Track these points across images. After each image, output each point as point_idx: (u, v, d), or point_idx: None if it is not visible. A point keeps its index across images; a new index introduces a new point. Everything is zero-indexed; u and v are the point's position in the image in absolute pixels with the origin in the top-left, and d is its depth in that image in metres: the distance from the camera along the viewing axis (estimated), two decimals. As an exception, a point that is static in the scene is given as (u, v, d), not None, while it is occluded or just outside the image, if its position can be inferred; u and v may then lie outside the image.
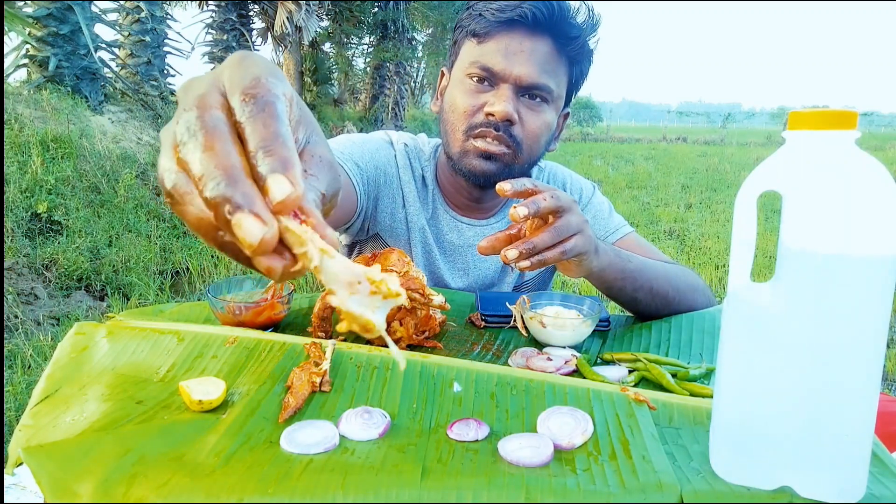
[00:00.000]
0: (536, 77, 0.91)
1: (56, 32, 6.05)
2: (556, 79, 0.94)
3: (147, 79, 7.94)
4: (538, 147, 0.97)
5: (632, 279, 0.84)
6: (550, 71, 0.92)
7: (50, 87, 5.94)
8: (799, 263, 0.44)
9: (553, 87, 0.93)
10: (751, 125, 39.30)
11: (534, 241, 0.68)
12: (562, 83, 0.96)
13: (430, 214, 1.08)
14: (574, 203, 0.72)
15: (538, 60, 0.91)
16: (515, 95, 0.92)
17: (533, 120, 0.94)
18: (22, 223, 4.04)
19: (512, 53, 0.91)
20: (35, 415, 0.59)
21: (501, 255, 0.68)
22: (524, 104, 0.93)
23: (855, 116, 0.43)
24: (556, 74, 0.93)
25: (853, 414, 0.45)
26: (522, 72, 0.91)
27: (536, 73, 0.91)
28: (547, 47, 0.91)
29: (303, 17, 10.78)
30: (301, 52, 12.44)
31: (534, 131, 0.94)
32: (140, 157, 5.95)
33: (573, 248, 0.71)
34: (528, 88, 0.92)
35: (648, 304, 0.88)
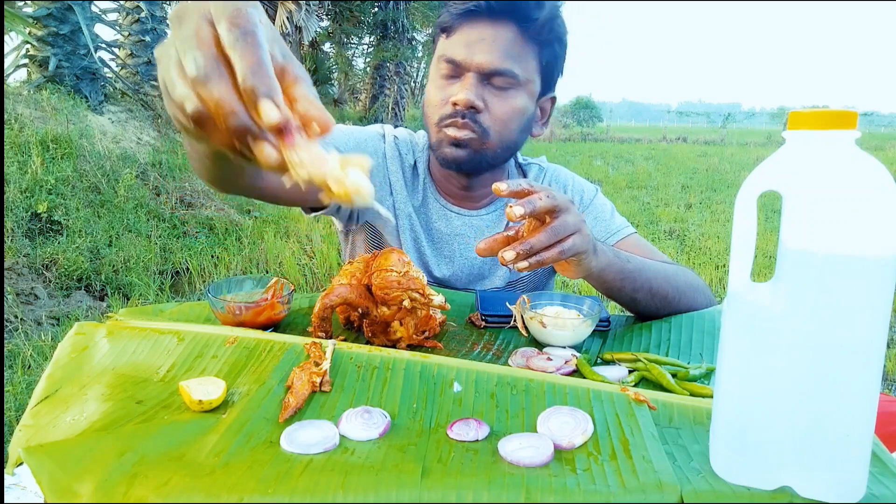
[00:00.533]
0: (498, 63, 0.93)
1: (56, 32, 6.05)
2: (522, 63, 0.95)
3: (147, 79, 7.94)
4: (509, 132, 0.98)
5: (631, 279, 0.84)
6: (514, 56, 0.94)
7: (50, 87, 5.94)
8: (799, 263, 0.44)
9: (518, 72, 0.95)
10: (751, 125, 39.31)
11: (531, 242, 0.68)
12: (529, 67, 0.96)
13: (419, 202, 1.11)
14: (571, 203, 0.72)
15: (500, 47, 0.93)
16: (480, 83, 0.95)
17: (499, 105, 0.96)
18: (22, 223, 4.04)
19: (473, 42, 0.94)
20: (35, 415, 0.59)
21: (499, 257, 0.68)
22: (490, 91, 0.95)
23: (855, 116, 0.43)
24: (522, 59, 0.95)
25: (853, 414, 0.45)
26: (483, 59, 0.93)
27: (498, 59, 0.93)
28: (510, 33, 0.93)
29: (303, 17, 10.78)
30: (301, 52, 12.43)
31: (500, 117, 0.96)
32: (140, 157, 5.95)
33: (571, 248, 0.71)
34: (490, 75, 0.94)
35: (648, 304, 0.88)
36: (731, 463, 0.48)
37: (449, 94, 0.96)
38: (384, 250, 0.79)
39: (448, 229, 1.11)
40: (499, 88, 0.95)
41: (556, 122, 29.15)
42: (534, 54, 0.96)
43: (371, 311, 0.75)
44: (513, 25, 0.93)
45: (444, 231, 1.11)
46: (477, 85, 0.94)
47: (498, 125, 0.97)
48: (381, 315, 0.75)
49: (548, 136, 24.55)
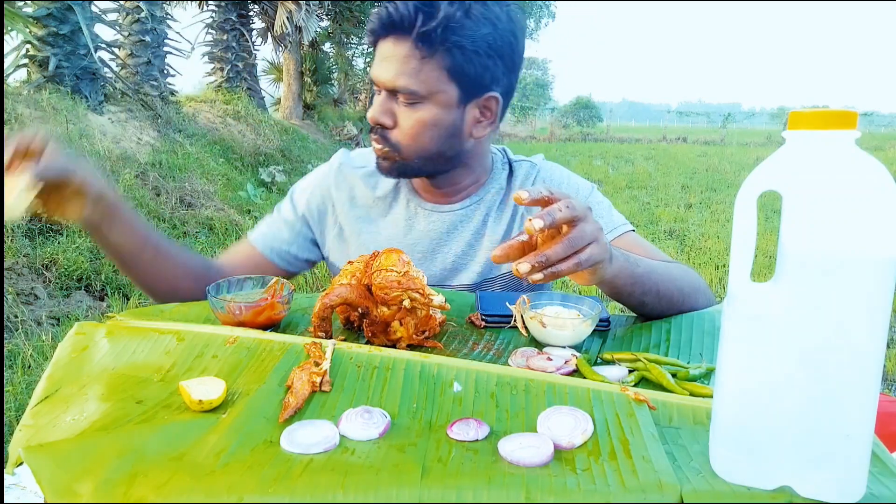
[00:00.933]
0: (395, 80, 0.95)
1: (56, 32, 6.05)
2: (422, 76, 0.95)
3: (147, 79, 7.94)
4: (422, 143, 1.00)
5: (641, 283, 0.84)
6: (409, 71, 0.95)
7: (50, 87, 5.94)
8: (799, 263, 0.44)
9: (415, 88, 0.95)
10: (751, 125, 39.30)
11: (547, 254, 0.67)
12: (433, 79, 0.95)
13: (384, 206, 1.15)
14: (588, 211, 0.71)
15: (396, 64, 0.95)
16: (391, 99, 0.98)
17: (405, 120, 0.98)
18: (22, 223, 4.03)
19: (380, 61, 0.97)
20: (35, 415, 0.59)
21: (513, 269, 0.67)
22: (400, 106, 0.98)
23: (855, 116, 0.43)
24: (421, 72, 0.95)
25: (853, 414, 0.45)
26: (382, 77, 0.97)
27: (395, 77, 0.95)
28: (405, 49, 0.94)
29: (303, 17, 10.78)
30: (301, 52, 12.43)
31: (408, 131, 0.99)
32: (140, 157, 5.95)
33: (588, 259, 0.69)
34: (395, 91, 0.97)
35: (655, 306, 0.88)
36: (731, 463, 0.48)
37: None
38: (384, 250, 0.79)
39: (422, 226, 1.12)
40: (406, 104, 0.98)
41: (556, 122, 29.16)
42: (437, 65, 0.95)
43: (371, 310, 0.75)
44: (409, 41, 0.93)
45: (419, 228, 1.12)
46: (386, 102, 0.98)
47: (408, 139, 0.99)
48: (381, 315, 0.75)
49: (548, 136, 24.56)
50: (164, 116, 7.19)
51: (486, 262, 1.12)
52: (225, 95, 9.88)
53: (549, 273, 0.67)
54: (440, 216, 1.12)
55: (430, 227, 1.12)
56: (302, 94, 12.64)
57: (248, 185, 6.99)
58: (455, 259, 1.12)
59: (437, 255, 1.12)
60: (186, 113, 8.10)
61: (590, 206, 0.85)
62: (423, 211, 1.12)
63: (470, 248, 1.12)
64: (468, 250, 1.12)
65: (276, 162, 8.49)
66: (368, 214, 1.14)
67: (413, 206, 1.13)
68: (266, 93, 12.58)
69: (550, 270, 0.67)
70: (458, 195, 1.13)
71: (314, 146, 10.58)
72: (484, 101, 1.02)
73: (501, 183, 1.14)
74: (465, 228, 1.12)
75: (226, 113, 9.07)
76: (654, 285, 0.86)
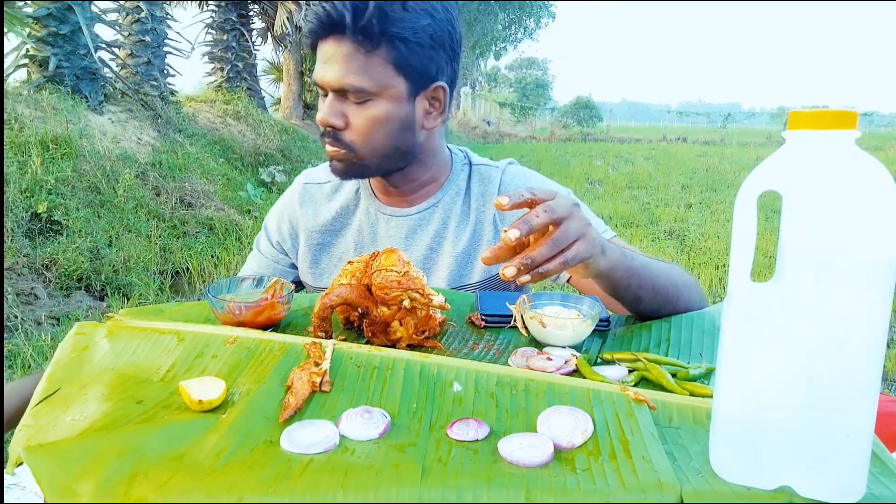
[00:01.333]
0: (343, 80, 0.94)
1: (56, 32, 6.05)
2: (368, 73, 0.95)
3: (147, 79, 7.94)
4: (376, 140, 1.00)
5: (637, 276, 0.84)
6: (355, 69, 0.94)
7: (50, 87, 5.94)
8: (799, 263, 0.44)
9: (363, 85, 0.95)
10: (751, 125, 39.28)
11: (532, 256, 0.67)
12: (380, 75, 0.95)
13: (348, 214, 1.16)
14: (574, 206, 0.71)
15: (341, 63, 0.94)
16: (339, 100, 0.98)
17: (358, 120, 0.98)
18: (22, 223, 4.04)
19: (323, 62, 0.96)
20: (35, 415, 0.59)
21: (500, 273, 0.67)
22: (349, 106, 0.98)
23: (855, 116, 0.43)
24: (367, 69, 0.95)
25: (853, 414, 0.45)
26: (328, 78, 0.96)
27: (340, 76, 0.94)
28: (347, 47, 0.94)
29: (303, 17, 10.77)
30: (301, 52, 12.42)
31: (361, 130, 0.98)
32: (140, 157, 5.95)
33: (575, 257, 0.69)
34: (342, 91, 0.96)
35: (650, 301, 0.88)
36: (731, 463, 0.48)
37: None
38: (384, 250, 0.79)
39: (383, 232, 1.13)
40: (356, 103, 0.97)
41: (556, 122, 29.17)
42: (382, 59, 0.95)
43: (371, 310, 0.75)
44: (348, 40, 0.93)
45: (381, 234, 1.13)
46: (335, 103, 0.97)
47: (361, 138, 0.99)
48: (380, 315, 0.75)
49: (548, 136, 24.55)
50: (164, 116, 7.20)
51: (454, 268, 1.11)
52: (225, 95, 9.89)
53: (535, 274, 0.68)
54: (399, 221, 1.12)
55: (391, 232, 1.12)
56: (302, 94, 12.64)
57: (248, 185, 7.00)
58: (417, 264, 1.12)
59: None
60: (186, 113, 8.10)
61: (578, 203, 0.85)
62: (383, 216, 1.13)
63: (431, 253, 1.12)
64: (430, 255, 1.12)
65: (276, 162, 8.49)
66: (334, 226, 1.16)
67: (373, 211, 1.14)
68: (266, 93, 12.59)
69: (537, 271, 0.68)
70: (416, 195, 1.12)
71: (314, 146, 10.58)
72: (432, 91, 1.03)
73: (460, 185, 1.13)
74: (423, 233, 1.12)
75: (226, 113, 9.07)
76: (649, 279, 0.86)
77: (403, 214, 1.12)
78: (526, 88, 51.42)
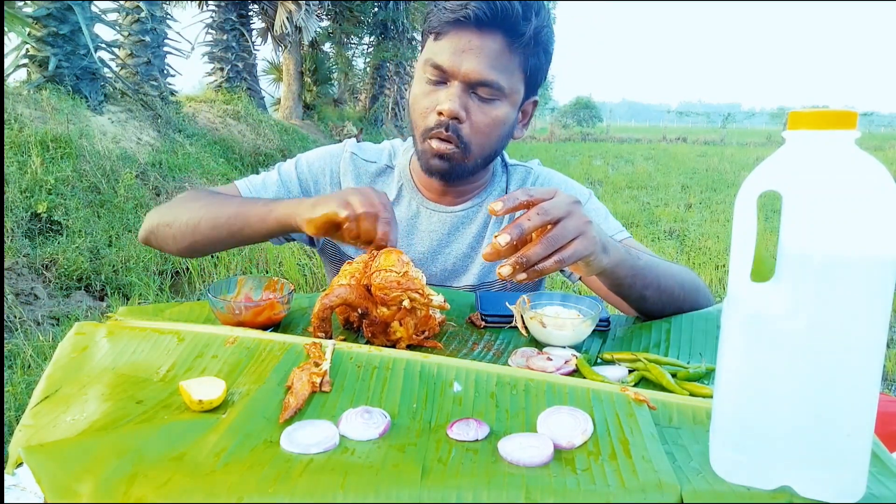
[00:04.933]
0: (485, 74, 0.93)
1: (56, 32, 6.05)
2: (508, 74, 0.95)
3: (147, 79, 7.93)
4: (489, 143, 0.99)
5: (641, 276, 0.84)
6: (500, 67, 0.94)
7: (50, 87, 5.94)
8: (799, 264, 0.44)
9: (503, 84, 0.95)
10: (751, 125, 39.28)
11: (527, 255, 0.67)
12: (515, 77, 0.97)
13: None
14: (572, 204, 0.71)
15: (486, 57, 0.93)
16: (465, 93, 0.95)
17: (481, 118, 0.96)
18: (22, 223, 4.04)
19: (461, 51, 0.93)
20: (35, 415, 0.59)
21: (497, 271, 0.68)
22: (474, 101, 0.96)
23: (855, 116, 0.43)
24: (508, 70, 0.95)
25: (853, 414, 0.45)
26: (470, 68, 0.93)
27: (485, 70, 0.93)
28: (496, 44, 0.93)
29: (303, 17, 10.78)
30: (301, 52, 12.43)
31: (482, 129, 0.97)
32: (140, 157, 5.95)
33: (572, 255, 0.69)
34: (476, 85, 0.94)
35: (656, 301, 0.88)
36: (731, 463, 0.48)
37: (434, 102, 0.96)
38: (384, 250, 0.79)
39: (424, 226, 1.12)
40: (482, 99, 0.96)
41: (556, 122, 29.15)
42: (519, 64, 0.96)
43: (371, 311, 0.75)
44: (500, 36, 0.93)
45: (421, 229, 1.12)
46: (462, 94, 0.95)
47: (479, 137, 0.97)
48: (380, 315, 0.75)
49: (548, 136, 24.55)
50: (164, 116, 7.19)
51: (485, 266, 1.11)
52: (225, 95, 9.89)
53: (531, 272, 0.68)
54: (442, 216, 1.12)
55: (433, 227, 1.12)
56: (302, 94, 12.64)
57: (248, 185, 6.98)
58: (456, 261, 1.12)
59: (438, 256, 1.12)
60: (186, 113, 8.10)
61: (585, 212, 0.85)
62: (427, 210, 1.12)
63: (471, 251, 1.12)
64: (469, 252, 1.12)
65: (275, 162, 8.46)
66: None
67: (416, 205, 1.12)
68: (266, 93, 12.59)
69: (533, 269, 0.68)
70: (461, 195, 1.12)
71: (314, 146, 10.56)
72: (529, 103, 1.05)
73: (502, 186, 1.15)
74: (466, 230, 1.12)
75: (226, 113, 9.07)
76: (655, 279, 0.86)
77: (447, 210, 1.11)
78: (526, 88, 51.36)
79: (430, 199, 1.13)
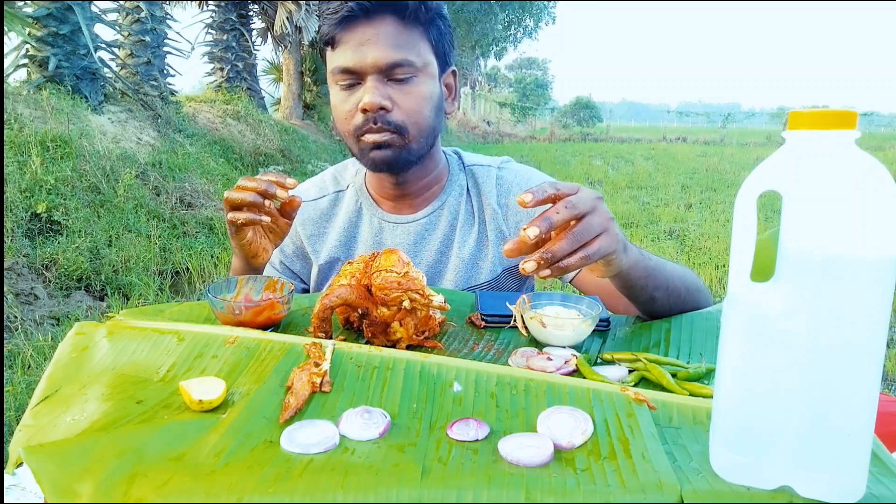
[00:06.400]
0: (392, 55, 0.94)
1: (56, 32, 6.05)
2: (413, 49, 0.96)
3: (147, 79, 7.94)
4: (424, 120, 0.99)
5: (653, 277, 0.83)
6: (403, 44, 0.95)
7: (50, 87, 5.94)
8: (799, 263, 0.44)
9: (413, 59, 0.96)
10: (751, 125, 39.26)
11: (552, 250, 0.65)
12: (422, 49, 0.98)
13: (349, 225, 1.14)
14: (597, 200, 0.69)
15: (387, 41, 0.94)
16: (381, 83, 0.96)
17: (405, 99, 0.97)
18: (22, 223, 4.04)
19: (360, 45, 0.94)
20: (35, 415, 0.59)
21: (521, 267, 0.65)
22: (394, 87, 0.96)
23: (855, 116, 0.43)
24: (410, 45, 0.96)
25: (853, 414, 0.45)
26: (376, 56, 0.94)
27: (390, 52, 0.94)
28: (390, 26, 0.94)
29: (303, 17, 10.78)
30: (301, 52, 12.43)
31: (411, 109, 0.97)
32: (140, 157, 5.95)
33: (597, 252, 0.67)
34: (387, 70, 0.95)
35: (664, 302, 0.87)
36: (731, 463, 0.48)
37: (354, 102, 0.97)
38: (384, 250, 0.79)
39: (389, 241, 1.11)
40: (400, 82, 0.96)
41: (556, 122, 29.16)
42: (420, 36, 0.97)
43: (371, 311, 0.75)
44: (390, 17, 0.94)
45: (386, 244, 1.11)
46: (379, 86, 0.95)
47: (412, 117, 0.97)
48: (380, 315, 0.75)
49: (548, 136, 24.56)
50: (164, 116, 7.19)
51: (461, 270, 1.10)
52: (225, 95, 9.89)
53: (556, 268, 0.65)
54: (405, 227, 1.11)
55: (398, 240, 1.11)
56: (302, 94, 12.64)
57: (247, 185, 6.98)
58: (428, 269, 1.11)
59: None
60: (186, 113, 8.10)
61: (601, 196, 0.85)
62: (388, 225, 1.11)
63: (441, 256, 1.11)
64: (440, 258, 1.11)
65: (276, 162, 8.49)
66: (341, 241, 1.14)
67: (377, 221, 1.12)
68: (266, 93, 12.59)
69: (557, 266, 0.65)
70: (421, 198, 1.11)
71: (314, 146, 10.58)
72: (450, 74, 1.05)
73: (462, 185, 1.13)
74: (432, 237, 1.11)
75: (226, 113, 9.07)
76: (664, 279, 0.85)
77: (409, 221, 1.11)
78: (526, 88, 51.42)
79: (390, 212, 1.12)
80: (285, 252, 1.18)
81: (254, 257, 0.92)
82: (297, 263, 1.18)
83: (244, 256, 0.92)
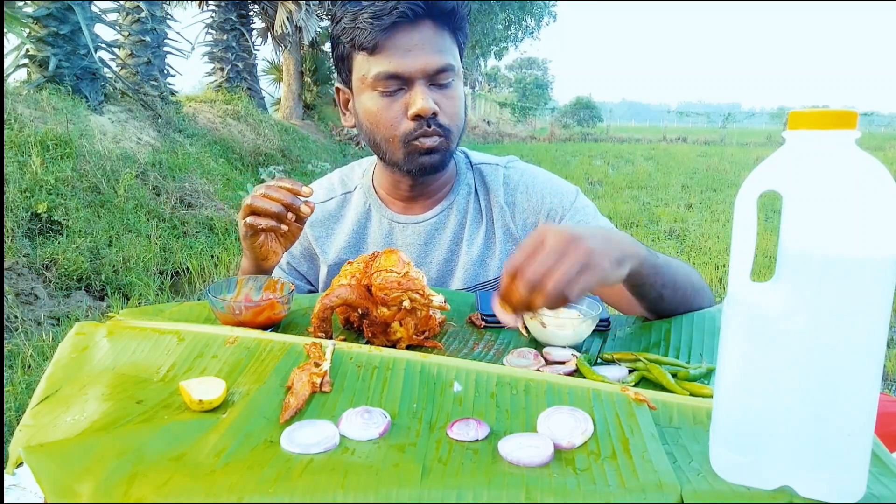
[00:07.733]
0: (438, 61, 0.96)
1: (56, 32, 6.05)
2: (451, 53, 0.99)
3: (147, 79, 7.94)
4: (461, 122, 1.03)
5: (661, 274, 0.82)
6: (444, 49, 0.97)
7: (50, 87, 5.94)
8: (799, 263, 0.44)
9: (453, 63, 0.98)
10: (751, 125, 39.25)
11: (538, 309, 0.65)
12: (456, 54, 1.00)
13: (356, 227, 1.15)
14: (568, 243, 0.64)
15: (432, 46, 0.96)
16: (428, 87, 0.97)
17: (448, 103, 0.99)
18: (22, 223, 4.03)
19: (407, 51, 0.95)
20: (35, 415, 0.59)
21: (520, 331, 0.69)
22: (436, 91, 0.98)
23: (855, 116, 0.43)
24: (448, 49, 0.98)
25: (853, 414, 0.45)
26: (426, 62, 0.95)
27: (437, 57, 0.96)
28: (430, 30, 0.96)
29: (303, 17, 10.78)
30: (301, 52, 12.43)
31: (453, 112, 1.00)
32: (140, 157, 5.95)
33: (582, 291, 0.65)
34: (434, 75, 0.96)
35: (671, 300, 0.86)
36: (731, 463, 0.48)
37: (401, 109, 0.97)
38: (384, 251, 0.79)
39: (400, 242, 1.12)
40: (442, 86, 0.98)
41: (556, 122, 29.15)
42: (452, 40, 0.99)
43: (371, 311, 0.75)
44: (430, 22, 0.95)
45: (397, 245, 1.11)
46: (427, 90, 0.97)
47: (454, 120, 1.00)
48: (380, 316, 0.75)
49: (548, 136, 24.55)
50: (164, 116, 7.19)
51: (470, 268, 1.10)
52: (225, 95, 9.89)
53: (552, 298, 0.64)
54: (416, 228, 1.11)
55: (408, 240, 1.11)
56: (302, 94, 12.64)
57: (248, 185, 7.00)
58: (438, 268, 1.11)
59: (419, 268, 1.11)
60: (186, 113, 8.10)
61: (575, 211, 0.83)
62: (398, 225, 1.12)
63: (452, 255, 1.11)
64: (450, 257, 1.11)
65: (276, 162, 8.50)
66: (349, 243, 1.14)
67: (387, 222, 1.12)
68: (266, 93, 12.59)
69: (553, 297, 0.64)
70: (430, 200, 1.12)
71: (314, 146, 10.58)
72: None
73: (470, 183, 1.13)
74: (442, 237, 1.11)
75: (226, 113, 9.07)
76: (671, 276, 0.84)
77: (419, 221, 1.11)
78: (526, 88, 51.43)
79: (399, 213, 1.12)
80: (293, 253, 1.18)
81: (264, 260, 0.92)
82: (304, 265, 1.18)
83: (255, 259, 0.92)
